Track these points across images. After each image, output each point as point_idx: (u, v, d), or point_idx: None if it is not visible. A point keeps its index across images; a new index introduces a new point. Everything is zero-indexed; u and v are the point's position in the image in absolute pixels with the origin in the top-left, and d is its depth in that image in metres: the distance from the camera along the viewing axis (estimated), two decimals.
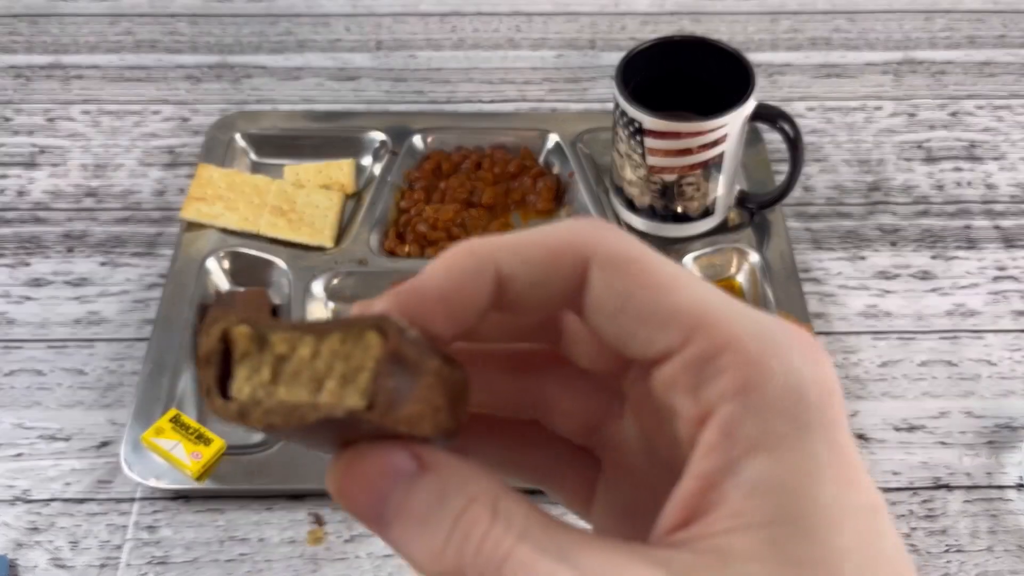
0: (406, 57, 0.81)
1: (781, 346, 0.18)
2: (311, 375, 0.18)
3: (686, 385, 0.18)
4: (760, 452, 0.17)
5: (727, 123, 0.59)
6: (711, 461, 0.18)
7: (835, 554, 0.17)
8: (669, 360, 0.19)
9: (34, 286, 0.65)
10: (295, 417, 0.17)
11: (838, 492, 0.17)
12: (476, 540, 0.17)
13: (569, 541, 0.17)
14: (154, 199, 0.70)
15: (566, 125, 0.73)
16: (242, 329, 0.18)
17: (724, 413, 0.18)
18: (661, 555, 0.17)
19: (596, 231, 0.19)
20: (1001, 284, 0.65)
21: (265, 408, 0.18)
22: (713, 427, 0.18)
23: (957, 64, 0.80)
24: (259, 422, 0.18)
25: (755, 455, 0.17)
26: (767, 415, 0.17)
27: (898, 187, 0.71)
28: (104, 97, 0.78)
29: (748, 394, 0.18)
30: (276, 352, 0.18)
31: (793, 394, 0.18)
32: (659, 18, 0.85)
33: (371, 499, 0.18)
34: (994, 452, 0.57)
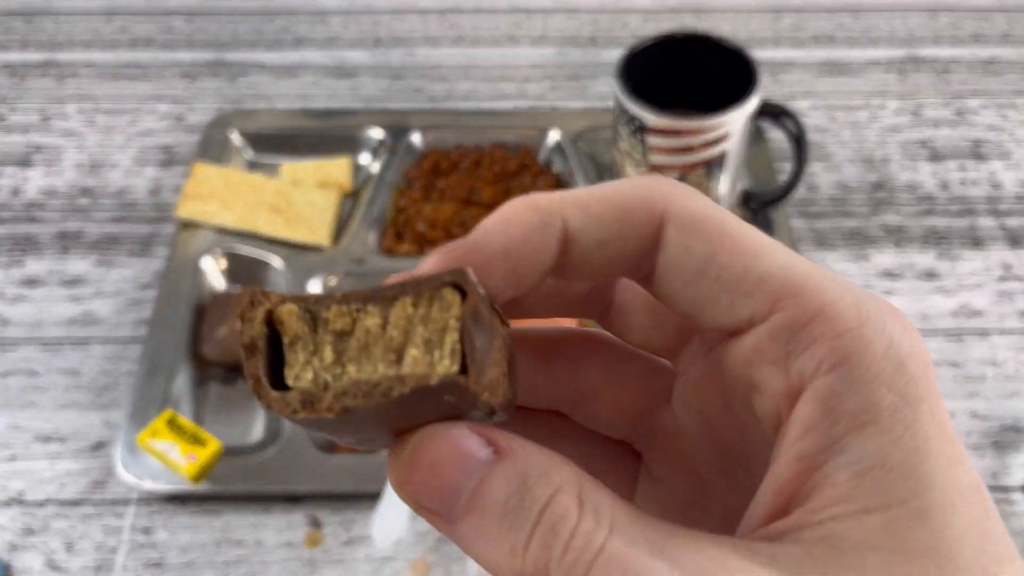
0: (404, 54, 0.80)
1: (876, 315, 0.17)
2: (386, 346, 0.16)
3: (773, 356, 0.17)
4: (867, 428, 0.16)
5: (730, 121, 0.58)
6: (812, 440, 0.16)
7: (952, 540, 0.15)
8: (753, 329, 0.17)
9: (28, 286, 0.65)
10: (377, 395, 0.15)
11: (949, 471, 0.16)
12: (565, 535, 0.15)
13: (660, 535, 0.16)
14: (149, 198, 0.70)
15: (566, 123, 0.72)
16: (289, 308, 0.16)
17: (821, 386, 0.16)
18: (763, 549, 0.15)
19: (672, 189, 0.18)
20: (1007, 284, 0.64)
21: (337, 391, 0.16)
22: (809, 402, 0.16)
23: (962, 62, 0.79)
24: (331, 409, 0.15)
25: (861, 432, 0.16)
26: (871, 388, 0.16)
27: (902, 186, 0.70)
28: (99, 95, 0.77)
29: (847, 365, 0.16)
30: (333, 328, 0.16)
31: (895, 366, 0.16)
32: (660, 14, 0.84)
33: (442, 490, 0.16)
34: (999, 453, 0.56)
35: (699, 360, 0.20)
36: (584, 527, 0.15)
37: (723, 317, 0.17)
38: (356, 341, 0.16)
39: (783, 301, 0.17)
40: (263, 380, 0.16)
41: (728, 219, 0.18)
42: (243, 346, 0.16)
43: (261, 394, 0.16)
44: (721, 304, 0.17)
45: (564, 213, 0.18)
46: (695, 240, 0.17)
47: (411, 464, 0.16)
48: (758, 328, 0.17)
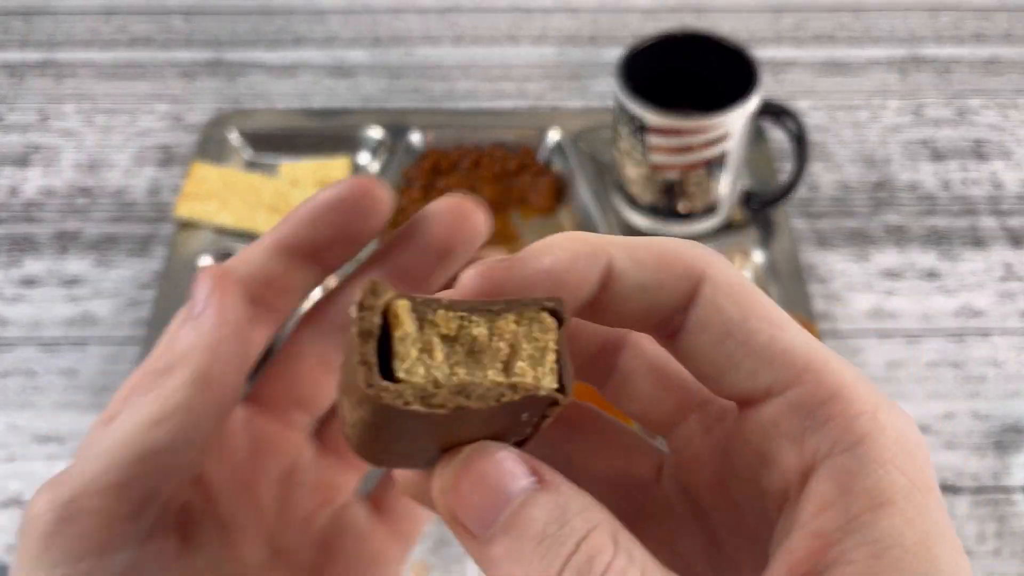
0: (403, 53, 0.80)
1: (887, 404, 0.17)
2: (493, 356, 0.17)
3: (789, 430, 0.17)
4: (884, 508, 0.16)
5: (730, 120, 0.58)
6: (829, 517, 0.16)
7: None
8: (769, 400, 0.18)
9: (27, 286, 0.65)
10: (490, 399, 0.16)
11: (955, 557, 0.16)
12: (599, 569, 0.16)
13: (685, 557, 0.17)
14: (148, 198, 0.70)
15: (566, 122, 0.72)
16: (404, 303, 0.17)
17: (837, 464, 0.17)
18: None
19: (714, 255, 0.19)
20: (1008, 284, 0.64)
21: (453, 389, 0.16)
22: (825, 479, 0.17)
23: (963, 61, 0.79)
24: (444, 406, 0.16)
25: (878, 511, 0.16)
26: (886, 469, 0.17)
27: (904, 186, 0.70)
28: (97, 94, 0.77)
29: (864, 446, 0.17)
30: (439, 331, 0.17)
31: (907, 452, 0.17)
32: (661, 14, 0.84)
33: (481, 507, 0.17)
34: (1001, 454, 0.56)
35: (696, 438, 0.20)
36: (618, 564, 0.16)
37: (743, 382, 0.18)
38: (463, 347, 0.17)
39: (803, 376, 0.17)
40: (375, 368, 0.16)
41: (761, 294, 0.18)
42: (361, 332, 0.16)
43: (372, 382, 0.16)
44: (743, 368, 0.18)
45: (611, 251, 0.18)
46: (729, 303, 0.18)
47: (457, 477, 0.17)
48: (775, 400, 0.18)
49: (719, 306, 0.18)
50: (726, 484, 0.20)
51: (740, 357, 0.18)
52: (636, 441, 0.22)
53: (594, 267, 0.18)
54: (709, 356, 0.18)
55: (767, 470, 0.18)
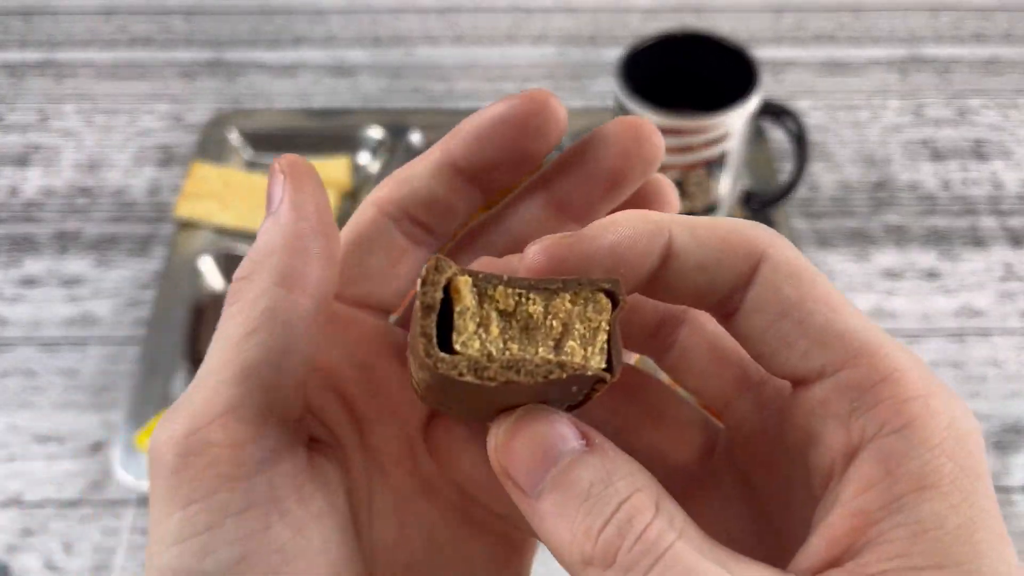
0: (403, 53, 0.80)
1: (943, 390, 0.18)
2: (546, 333, 0.18)
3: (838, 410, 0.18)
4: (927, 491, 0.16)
5: (731, 120, 0.58)
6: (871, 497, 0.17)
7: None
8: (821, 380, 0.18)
9: (26, 286, 0.65)
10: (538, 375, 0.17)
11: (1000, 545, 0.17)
12: (639, 527, 0.16)
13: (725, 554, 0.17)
14: (148, 198, 0.69)
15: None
16: (465, 279, 0.18)
17: (884, 446, 0.17)
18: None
19: (774, 236, 0.19)
20: (1008, 284, 0.64)
21: (504, 363, 0.17)
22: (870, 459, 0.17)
23: (963, 61, 0.79)
24: (494, 379, 0.17)
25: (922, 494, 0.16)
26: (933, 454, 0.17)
27: (904, 185, 0.70)
28: (97, 94, 0.77)
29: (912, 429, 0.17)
30: (498, 306, 0.18)
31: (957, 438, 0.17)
32: (661, 14, 0.84)
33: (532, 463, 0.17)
34: (1001, 454, 0.56)
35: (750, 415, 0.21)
36: (658, 525, 0.16)
37: (797, 362, 0.18)
38: (518, 322, 0.18)
39: (857, 359, 0.18)
40: (433, 340, 0.17)
41: (820, 276, 0.18)
42: (423, 306, 0.17)
43: (430, 352, 0.17)
44: (797, 349, 0.18)
45: (673, 229, 0.19)
46: (787, 284, 0.18)
47: (511, 435, 0.18)
48: (826, 380, 0.18)
49: (777, 286, 0.18)
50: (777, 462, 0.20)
51: (795, 337, 0.18)
52: (693, 414, 0.22)
53: (655, 244, 0.18)
54: (765, 335, 0.19)
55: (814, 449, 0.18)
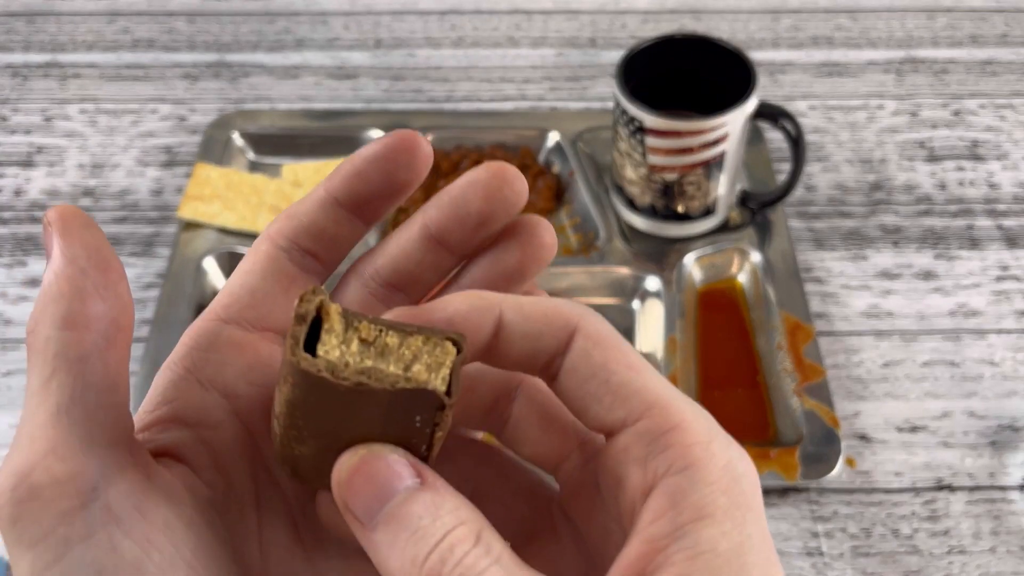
0: (405, 55, 0.81)
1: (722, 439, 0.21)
2: (398, 358, 0.21)
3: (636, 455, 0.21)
4: (704, 520, 0.19)
5: (728, 122, 0.59)
6: (659, 526, 0.19)
7: None
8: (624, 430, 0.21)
9: (31, 286, 0.65)
10: (386, 382, 0.20)
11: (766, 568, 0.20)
12: (459, 555, 0.19)
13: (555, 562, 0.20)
14: (151, 199, 0.70)
15: (566, 124, 0.72)
16: (336, 307, 0.21)
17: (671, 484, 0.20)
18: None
19: (585, 310, 0.22)
20: (1004, 284, 0.64)
21: (358, 368, 0.20)
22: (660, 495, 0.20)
23: (959, 63, 0.80)
24: (348, 379, 0.20)
25: (699, 523, 0.19)
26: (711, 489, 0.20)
27: (900, 186, 0.70)
28: (101, 96, 0.78)
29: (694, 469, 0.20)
30: (361, 336, 0.21)
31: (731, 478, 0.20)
32: (660, 16, 0.84)
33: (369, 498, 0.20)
34: (997, 453, 0.56)
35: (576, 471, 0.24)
36: (475, 553, 0.19)
37: (604, 415, 0.21)
38: (376, 349, 0.21)
39: (651, 411, 0.21)
40: (301, 342, 0.20)
41: (624, 343, 0.22)
42: (296, 316, 0.20)
43: (295, 352, 0.20)
44: (604, 404, 0.21)
45: (502, 305, 0.22)
46: (595, 350, 0.22)
47: (352, 471, 0.20)
48: (628, 430, 0.21)
49: (587, 352, 0.22)
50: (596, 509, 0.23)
51: (602, 394, 0.21)
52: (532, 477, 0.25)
53: (488, 318, 0.22)
54: (579, 393, 0.22)
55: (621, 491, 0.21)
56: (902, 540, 0.53)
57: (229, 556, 0.22)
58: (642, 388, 0.21)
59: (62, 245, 0.21)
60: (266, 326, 0.24)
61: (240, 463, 0.23)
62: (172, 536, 0.21)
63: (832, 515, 0.54)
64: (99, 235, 0.22)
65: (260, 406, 0.24)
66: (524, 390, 0.24)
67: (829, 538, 0.53)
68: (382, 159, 0.24)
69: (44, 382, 0.20)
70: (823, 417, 0.56)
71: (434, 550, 0.19)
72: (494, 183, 0.24)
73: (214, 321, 0.24)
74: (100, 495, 0.20)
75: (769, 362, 0.59)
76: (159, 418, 0.23)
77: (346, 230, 0.25)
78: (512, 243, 0.25)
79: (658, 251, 0.64)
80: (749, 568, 0.19)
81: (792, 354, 0.59)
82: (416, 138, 0.24)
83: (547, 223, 0.25)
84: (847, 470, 0.55)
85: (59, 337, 0.20)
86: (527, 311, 0.22)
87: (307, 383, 0.20)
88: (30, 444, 0.20)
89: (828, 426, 0.55)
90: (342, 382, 0.20)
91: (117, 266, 0.22)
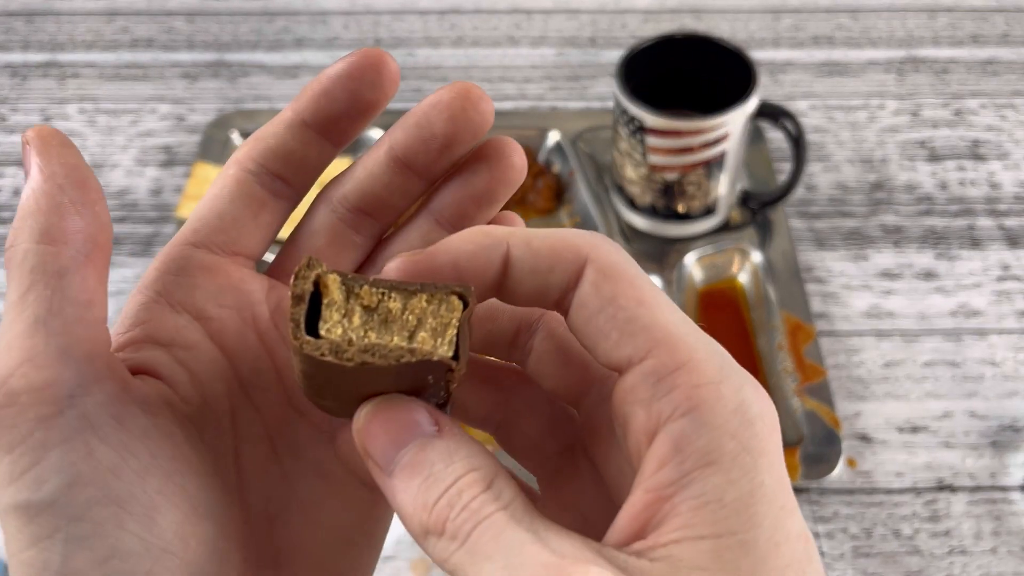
0: (405, 55, 0.81)
1: (734, 376, 0.19)
2: (402, 326, 0.20)
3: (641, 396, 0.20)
4: (710, 468, 0.18)
5: (729, 121, 0.59)
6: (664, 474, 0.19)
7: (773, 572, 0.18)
8: (631, 370, 0.20)
9: None
10: (390, 358, 0.20)
11: (779, 516, 0.18)
12: (466, 500, 0.19)
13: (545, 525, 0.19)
14: (150, 198, 0.70)
15: (566, 123, 0.72)
16: (334, 277, 0.20)
17: (675, 428, 0.19)
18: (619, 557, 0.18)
19: (597, 240, 0.21)
20: (1005, 284, 0.64)
21: (361, 347, 0.20)
22: (664, 440, 0.19)
23: (960, 62, 0.79)
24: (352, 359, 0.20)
25: (705, 470, 0.18)
26: (718, 433, 0.19)
27: (901, 186, 0.70)
28: (100, 95, 0.77)
29: (700, 411, 0.19)
30: (363, 303, 0.20)
31: (742, 420, 0.19)
32: (660, 15, 0.84)
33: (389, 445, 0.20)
34: (998, 453, 0.56)
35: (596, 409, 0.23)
36: (483, 498, 0.19)
37: (611, 352, 0.20)
38: (379, 316, 0.20)
39: (658, 348, 0.20)
40: (302, 325, 0.20)
41: (636, 273, 0.21)
42: (293, 296, 0.20)
43: (297, 336, 0.20)
44: (611, 339, 0.20)
45: (509, 241, 0.21)
46: (604, 282, 0.20)
47: (372, 418, 0.20)
48: (634, 368, 0.20)
49: (596, 284, 0.20)
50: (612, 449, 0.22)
51: (609, 329, 0.20)
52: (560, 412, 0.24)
53: (492, 257, 0.21)
54: (588, 328, 0.21)
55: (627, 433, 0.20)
56: (903, 540, 0.53)
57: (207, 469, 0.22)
58: (650, 324, 0.20)
59: (40, 163, 0.21)
60: (236, 250, 0.24)
61: (216, 383, 0.23)
62: (149, 444, 0.21)
63: (833, 515, 0.54)
64: (76, 154, 0.22)
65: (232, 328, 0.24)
66: (544, 323, 0.23)
67: (830, 539, 0.53)
68: (347, 77, 0.24)
69: (22, 295, 0.20)
70: (824, 417, 0.56)
71: (443, 495, 0.19)
72: (457, 103, 0.23)
73: (184, 246, 0.24)
74: (77, 403, 0.20)
75: (770, 362, 0.59)
76: (132, 339, 0.23)
77: (314, 152, 0.24)
78: (481, 165, 0.24)
79: (658, 251, 0.64)
80: (759, 518, 0.18)
81: (793, 354, 0.59)
82: (382, 56, 0.23)
83: (516, 144, 0.24)
84: (848, 470, 0.55)
85: (37, 250, 0.20)
86: (535, 245, 0.21)
87: (313, 363, 0.20)
88: (7, 353, 0.20)
89: (829, 426, 0.55)
90: (346, 363, 0.20)
91: (95, 184, 0.22)
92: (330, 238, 0.25)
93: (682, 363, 0.19)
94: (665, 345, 0.19)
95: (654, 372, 0.19)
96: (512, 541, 0.18)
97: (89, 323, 0.21)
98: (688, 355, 0.19)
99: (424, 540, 0.19)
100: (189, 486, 0.21)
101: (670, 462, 0.19)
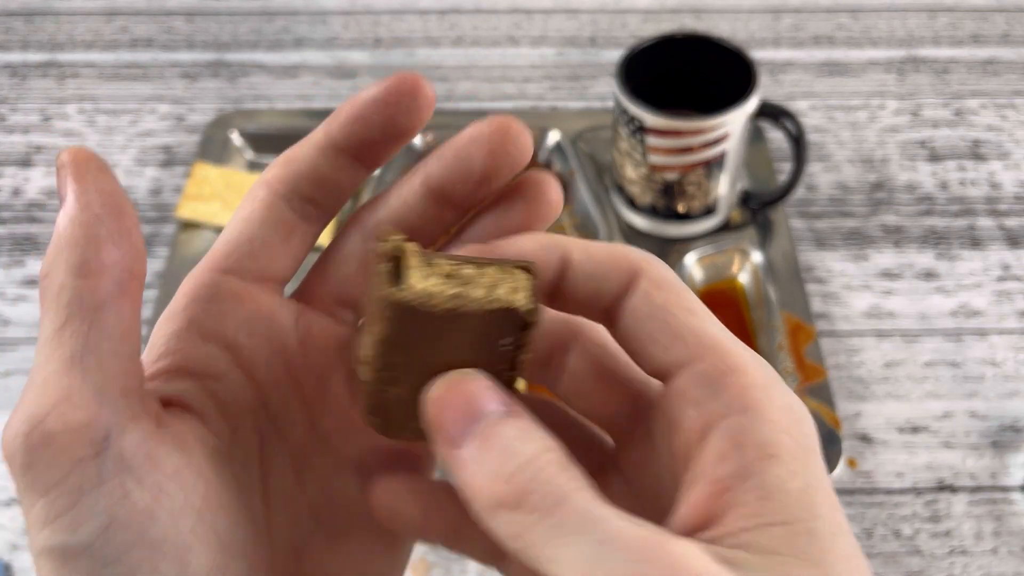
0: (404, 54, 0.81)
1: (780, 383, 0.21)
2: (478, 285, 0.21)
3: (693, 397, 0.20)
4: (771, 460, 0.19)
5: (729, 121, 0.59)
6: (725, 466, 0.19)
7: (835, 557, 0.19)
8: (681, 372, 0.21)
9: (29, 286, 0.65)
10: (476, 304, 0.21)
11: (831, 510, 0.19)
12: (548, 476, 0.19)
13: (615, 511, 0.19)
14: (150, 198, 0.70)
15: (566, 123, 0.72)
16: (412, 246, 0.21)
17: (732, 424, 0.20)
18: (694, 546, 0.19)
19: (649, 255, 0.23)
20: (1005, 284, 0.64)
21: (449, 293, 0.20)
22: (721, 436, 0.20)
23: (961, 62, 0.79)
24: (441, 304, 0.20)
25: (767, 462, 0.19)
26: (774, 429, 0.19)
27: (902, 186, 0.70)
28: (99, 95, 0.77)
29: (756, 410, 0.20)
30: (439, 270, 0.21)
31: (793, 419, 0.20)
32: (660, 15, 0.84)
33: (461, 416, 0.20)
34: (998, 453, 0.56)
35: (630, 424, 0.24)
36: (563, 477, 0.19)
37: (661, 356, 0.21)
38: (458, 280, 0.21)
39: (708, 353, 0.21)
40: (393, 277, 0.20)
41: (685, 289, 0.22)
42: (380, 254, 0.21)
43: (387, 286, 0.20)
44: (661, 344, 0.21)
45: (568, 246, 0.23)
46: (657, 292, 0.22)
47: (446, 387, 0.20)
48: (684, 372, 0.21)
49: (649, 294, 0.22)
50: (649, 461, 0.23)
51: (659, 334, 0.21)
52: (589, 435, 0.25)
53: (554, 255, 0.22)
54: (638, 334, 0.22)
55: (675, 433, 0.21)
56: (903, 541, 0.53)
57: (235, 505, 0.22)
58: (701, 331, 0.21)
59: (76, 190, 0.21)
60: (265, 276, 0.24)
61: (245, 415, 0.23)
62: (182, 484, 0.21)
63: None
64: (113, 180, 0.21)
65: (261, 358, 0.24)
66: (580, 342, 0.24)
67: None
68: (383, 103, 0.24)
69: (57, 330, 0.20)
70: (824, 418, 0.56)
71: (524, 467, 0.19)
72: (497, 139, 0.23)
73: (213, 272, 0.24)
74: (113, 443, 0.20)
75: (770, 363, 0.59)
76: (163, 369, 0.23)
77: (346, 176, 0.24)
78: (517, 200, 0.24)
79: (658, 251, 0.64)
80: (819, 508, 0.19)
81: (793, 354, 0.59)
82: (418, 80, 0.24)
83: (553, 180, 0.25)
84: (848, 471, 0.55)
85: (73, 285, 0.20)
86: (593, 252, 0.22)
87: (401, 315, 0.20)
88: (43, 391, 0.20)
89: (829, 427, 0.55)
90: (434, 308, 0.20)
91: (131, 212, 0.21)
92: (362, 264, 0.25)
93: (733, 367, 0.20)
94: (715, 351, 0.21)
95: (705, 375, 0.20)
96: (600, 517, 0.18)
97: (124, 357, 0.21)
98: (738, 360, 0.21)
99: (494, 513, 0.19)
100: (219, 525, 0.21)
101: (730, 456, 0.19)
